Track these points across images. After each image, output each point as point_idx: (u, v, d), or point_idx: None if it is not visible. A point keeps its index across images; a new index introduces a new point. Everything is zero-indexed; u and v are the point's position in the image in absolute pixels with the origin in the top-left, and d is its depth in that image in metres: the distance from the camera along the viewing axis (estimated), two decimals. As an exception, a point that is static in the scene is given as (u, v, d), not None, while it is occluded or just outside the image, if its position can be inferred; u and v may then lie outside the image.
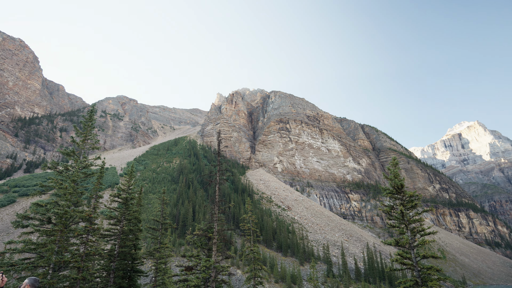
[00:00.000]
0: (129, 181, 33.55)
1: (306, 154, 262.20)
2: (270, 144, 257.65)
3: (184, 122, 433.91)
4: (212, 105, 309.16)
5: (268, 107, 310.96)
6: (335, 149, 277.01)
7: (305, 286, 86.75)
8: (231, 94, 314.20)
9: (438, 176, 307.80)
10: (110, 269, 29.01)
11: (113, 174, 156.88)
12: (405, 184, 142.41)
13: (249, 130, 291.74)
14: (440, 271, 20.02)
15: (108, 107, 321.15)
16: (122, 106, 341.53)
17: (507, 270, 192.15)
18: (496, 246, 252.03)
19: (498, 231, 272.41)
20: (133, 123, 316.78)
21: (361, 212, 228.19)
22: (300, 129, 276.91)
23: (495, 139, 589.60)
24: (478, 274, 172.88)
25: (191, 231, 28.82)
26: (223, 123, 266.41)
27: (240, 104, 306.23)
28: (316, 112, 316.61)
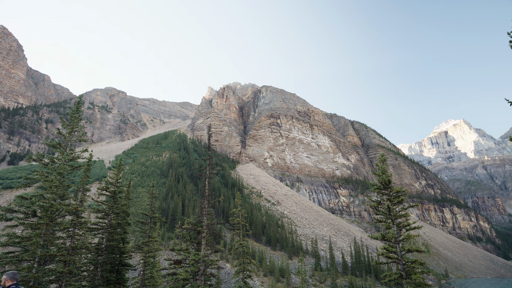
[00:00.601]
0: (117, 174, 33.09)
1: (296, 149, 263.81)
2: (261, 139, 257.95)
3: (174, 116, 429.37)
4: (202, 99, 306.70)
5: (259, 102, 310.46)
6: (325, 144, 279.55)
7: (293, 279, 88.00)
8: (222, 88, 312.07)
9: (424, 172, 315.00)
10: (97, 263, 28.71)
11: (101, 167, 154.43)
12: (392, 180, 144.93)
13: (240, 124, 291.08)
14: (424, 265, 20.60)
15: (96, 99, 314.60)
16: (111, 98, 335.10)
17: (486, 263, 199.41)
18: (477, 241, 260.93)
19: (480, 226, 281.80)
20: (122, 115, 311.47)
21: (349, 207, 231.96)
22: (291, 124, 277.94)
23: (480, 137, 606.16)
24: (459, 267, 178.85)
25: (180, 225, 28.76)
26: (213, 117, 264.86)
27: (231, 98, 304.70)
28: (307, 108, 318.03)
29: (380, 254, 21.44)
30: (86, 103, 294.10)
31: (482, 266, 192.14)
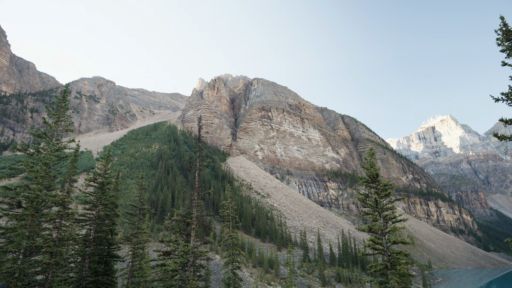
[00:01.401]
0: (105, 165, 32.59)
1: (287, 142, 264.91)
2: (252, 131, 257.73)
3: (164, 107, 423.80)
4: (193, 90, 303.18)
5: (250, 94, 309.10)
6: (315, 138, 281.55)
7: (282, 270, 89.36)
8: (213, 79, 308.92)
9: (411, 167, 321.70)
10: (85, 254, 28.44)
11: (88, 158, 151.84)
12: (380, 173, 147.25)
13: (231, 116, 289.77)
14: (408, 256, 21.19)
15: (83, 88, 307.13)
16: (99, 88, 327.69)
17: (468, 255, 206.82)
18: (460, 233, 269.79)
19: (463, 219, 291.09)
20: (110, 106, 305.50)
21: (338, 200, 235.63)
22: (282, 117, 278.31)
23: (465, 133, 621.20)
24: (442, 258, 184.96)
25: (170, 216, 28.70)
26: (204, 109, 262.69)
27: (222, 90, 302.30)
28: (298, 101, 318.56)
29: (367, 246, 21.93)
30: (73, 92, 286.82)
31: (464, 258, 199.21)
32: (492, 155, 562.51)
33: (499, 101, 14.64)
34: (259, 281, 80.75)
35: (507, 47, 14.50)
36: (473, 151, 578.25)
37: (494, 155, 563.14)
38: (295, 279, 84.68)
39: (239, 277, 37.74)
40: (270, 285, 79.97)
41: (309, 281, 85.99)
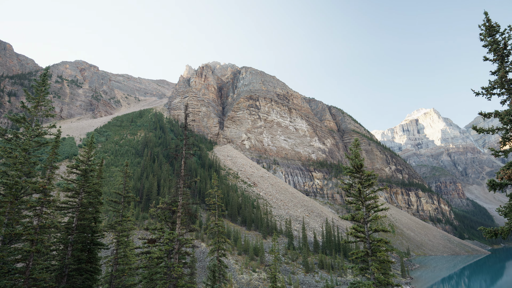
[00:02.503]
0: (88, 152, 31.83)
1: (274, 132, 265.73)
2: (239, 120, 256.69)
3: (150, 94, 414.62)
4: (180, 77, 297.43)
5: (238, 83, 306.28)
6: (303, 128, 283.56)
7: (266, 258, 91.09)
8: (201, 67, 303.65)
9: (394, 158, 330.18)
10: (67, 242, 28.01)
11: (71, 144, 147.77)
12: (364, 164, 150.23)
13: (218, 105, 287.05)
14: (388, 243, 21.98)
15: (64, 72, 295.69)
16: (81, 72, 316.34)
17: (444, 242, 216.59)
18: (438, 222, 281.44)
19: (441, 209, 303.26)
20: (93, 91, 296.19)
21: (323, 189, 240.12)
22: (270, 107, 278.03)
23: (447, 126, 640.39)
24: (420, 246, 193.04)
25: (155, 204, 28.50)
26: (191, 97, 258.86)
27: (210, 78, 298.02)
28: (286, 91, 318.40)
29: (349, 234, 22.57)
30: (54, 76, 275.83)
31: (440, 245, 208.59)
32: (471, 148, 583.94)
33: (479, 95, 15.11)
34: (244, 268, 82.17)
35: (489, 42, 14.86)
36: (453, 144, 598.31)
37: (472, 148, 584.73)
38: (280, 266, 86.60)
39: (224, 264, 38.23)
40: (255, 272, 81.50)
41: (293, 268, 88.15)
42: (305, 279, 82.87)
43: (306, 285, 79.59)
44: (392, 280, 20.10)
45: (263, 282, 77.01)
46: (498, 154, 14.30)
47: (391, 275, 20.57)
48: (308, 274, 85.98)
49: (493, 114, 14.50)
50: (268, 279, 77.23)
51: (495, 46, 14.64)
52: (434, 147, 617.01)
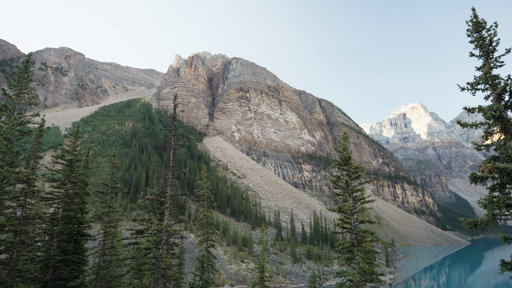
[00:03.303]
0: (74, 142, 31.12)
1: (264, 124, 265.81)
2: (229, 112, 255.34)
3: (138, 83, 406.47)
4: (169, 67, 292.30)
5: (229, 74, 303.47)
6: (292, 121, 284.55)
7: (255, 248, 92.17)
8: (190, 57, 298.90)
9: (382, 151, 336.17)
10: (53, 233, 27.58)
11: (56, 134, 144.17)
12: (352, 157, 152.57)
13: (208, 96, 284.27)
14: (374, 234, 22.53)
15: (49, 59, 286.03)
16: (66, 60, 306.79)
17: (427, 233, 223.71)
18: (421, 214, 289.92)
19: (425, 201, 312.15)
20: (79, 79, 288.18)
21: (312, 181, 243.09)
22: (260, 99, 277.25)
23: (433, 121, 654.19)
24: (404, 237, 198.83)
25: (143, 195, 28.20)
26: (181, 87, 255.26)
27: (200, 68, 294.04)
28: (277, 83, 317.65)
29: (336, 225, 23.01)
30: (37, 63, 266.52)
31: (423, 236, 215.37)
32: (456, 142, 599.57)
33: (464, 90, 15.43)
34: (232, 258, 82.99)
35: (476, 38, 15.12)
36: (439, 138, 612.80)
37: (457, 142, 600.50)
38: (268, 257, 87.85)
39: (213, 255, 38.49)
40: (244, 262, 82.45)
41: (281, 258, 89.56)
42: (292, 269, 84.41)
43: (293, 275, 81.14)
44: (376, 269, 20.69)
45: (251, 272, 78.06)
46: (481, 148, 14.73)
47: (376, 265, 21.15)
48: (295, 264, 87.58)
49: (477, 109, 14.88)
50: (256, 269, 78.31)
51: (481, 42, 14.91)
52: (420, 141, 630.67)
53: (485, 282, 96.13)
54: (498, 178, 13.19)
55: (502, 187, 13.51)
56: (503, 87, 13.82)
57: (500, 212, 13.05)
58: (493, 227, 13.41)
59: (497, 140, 14.20)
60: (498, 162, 13.69)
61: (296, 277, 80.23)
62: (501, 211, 13.04)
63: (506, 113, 13.91)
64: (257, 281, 26.14)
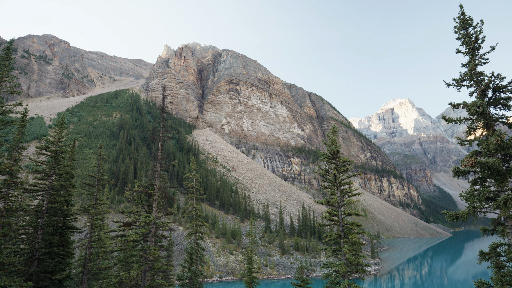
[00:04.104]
0: (59, 133, 30.33)
1: (254, 117, 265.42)
2: (219, 104, 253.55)
3: (126, 73, 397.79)
4: (158, 58, 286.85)
5: (219, 66, 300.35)
6: (282, 114, 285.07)
7: (244, 241, 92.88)
8: (180, 48, 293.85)
9: (370, 145, 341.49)
10: (37, 225, 27.02)
11: (40, 125, 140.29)
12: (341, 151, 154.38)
13: (198, 88, 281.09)
14: (360, 226, 23.01)
15: (32, 47, 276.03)
16: (51, 48, 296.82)
17: (411, 226, 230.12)
18: (406, 207, 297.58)
19: (410, 194, 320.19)
20: (64, 68, 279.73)
21: (301, 175, 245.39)
22: (250, 91, 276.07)
23: (420, 116, 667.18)
24: (390, 229, 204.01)
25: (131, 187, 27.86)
26: (170, 78, 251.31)
27: (190, 59, 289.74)
28: (267, 76, 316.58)
29: (324, 217, 23.38)
30: (20, 50, 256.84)
31: (408, 228, 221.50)
32: (441, 137, 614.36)
33: (450, 86, 15.76)
34: (221, 250, 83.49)
35: (462, 35, 15.39)
36: (425, 133, 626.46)
37: (442, 138, 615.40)
38: (256, 249, 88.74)
39: (201, 247, 38.62)
40: (232, 254, 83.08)
41: (269, 250, 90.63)
42: (280, 260, 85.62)
43: (281, 266, 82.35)
44: (362, 260, 21.19)
45: (240, 264, 78.79)
46: (464, 143, 15.14)
47: (361, 256, 21.66)
48: (284, 256, 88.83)
49: (461, 105, 15.24)
50: (244, 261, 79.06)
51: (467, 39, 15.20)
52: (407, 135, 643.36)
53: (464, 272, 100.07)
54: (480, 172, 13.63)
55: (483, 180, 13.97)
56: (486, 83, 14.18)
57: (480, 205, 13.52)
58: (473, 219, 13.89)
59: (479, 135, 14.62)
60: (480, 157, 14.12)
61: (284, 268, 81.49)
62: (481, 204, 13.50)
63: (489, 109, 14.30)
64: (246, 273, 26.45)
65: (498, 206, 12.74)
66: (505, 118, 14.22)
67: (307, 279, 25.10)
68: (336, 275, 20.51)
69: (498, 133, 12.98)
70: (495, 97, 14.39)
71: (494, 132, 13.87)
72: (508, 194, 12.40)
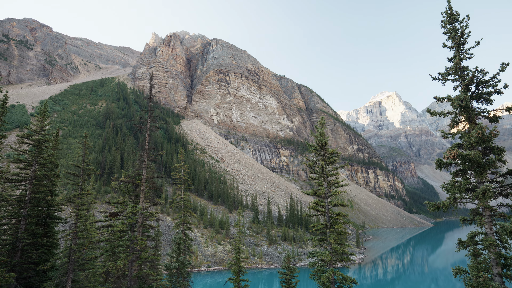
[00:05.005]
0: (42, 121, 29.40)
1: (244, 108, 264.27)
2: (208, 95, 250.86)
3: (112, 61, 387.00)
4: (146, 46, 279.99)
5: (208, 56, 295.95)
6: (272, 106, 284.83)
7: (232, 231, 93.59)
8: (168, 36, 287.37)
9: (357, 138, 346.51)
10: (20, 215, 26.40)
11: (22, 113, 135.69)
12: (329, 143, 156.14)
13: (186, 78, 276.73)
14: (346, 217, 23.50)
15: (11, 31, 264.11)
16: (32, 33, 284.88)
17: (395, 216, 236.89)
18: (391, 198, 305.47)
19: (395, 186, 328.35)
20: (47, 55, 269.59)
21: (289, 166, 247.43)
22: (240, 82, 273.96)
23: (406, 110, 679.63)
24: (374, 219, 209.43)
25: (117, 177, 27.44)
26: (158, 67, 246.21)
27: (178, 48, 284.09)
28: (257, 67, 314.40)
29: (311, 208, 23.73)
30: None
31: (392, 219, 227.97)
32: (426, 131, 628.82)
33: (436, 80, 16.06)
34: (209, 241, 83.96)
35: (449, 30, 15.63)
36: (411, 126, 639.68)
37: (427, 131, 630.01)
38: (244, 239, 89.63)
39: (189, 237, 38.68)
40: (220, 244, 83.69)
41: (257, 240, 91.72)
42: (268, 250, 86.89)
43: (269, 256, 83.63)
44: (347, 249, 21.74)
45: (228, 254, 79.53)
46: (447, 136, 15.55)
47: (347, 245, 22.21)
48: (271, 245, 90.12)
49: (446, 99, 15.58)
50: (232, 251, 79.78)
51: (454, 34, 15.45)
52: (393, 128, 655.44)
53: (444, 260, 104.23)
54: (461, 164, 14.08)
55: (463, 172, 14.45)
56: (470, 78, 14.52)
57: (461, 196, 14.01)
58: (453, 210, 14.40)
59: (462, 128, 15.05)
60: (461, 149, 14.56)
61: (272, 258, 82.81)
62: (462, 194, 14.00)
63: (471, 103, 14.69)
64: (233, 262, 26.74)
65: (477, 197, 13.24)
66: (487, 112, 14.65)
67: (294, 268, 25.60)
68: (322, 264, 21.00)
69: (479, 127, 13.39)
70: (478, 91, 14.78)
71: (476, 125, 14.29)
72: (487, 186, 12.89)
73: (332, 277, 19.61)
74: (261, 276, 72.07)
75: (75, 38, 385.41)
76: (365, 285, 70.79)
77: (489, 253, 13.02)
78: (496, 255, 12.70)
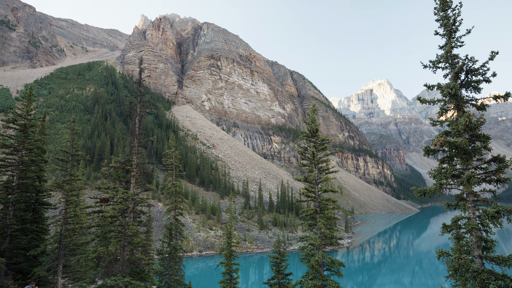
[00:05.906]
0: (28, 105, 28.59)
1: (235, 94, 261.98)
2: (199, 80, 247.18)
3: (100, 44, 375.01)
4: (135, 29, 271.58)
5: (199, 40, 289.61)
6: (264, 92, 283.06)
7: (223, 217, 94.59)
8: (158, 18, 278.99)
9: (348, 125, 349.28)
10: (8, 201, 26.05)
11: (6, 96, 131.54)
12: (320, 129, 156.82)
13: (177, 62, 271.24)
14: (336, 202, 23.95)
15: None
16: (14, 13, 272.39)
17: (383, 202, 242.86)
18: (380, 184, 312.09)
19: (384, 173, 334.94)
20: (30, 36, 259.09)
21: (281, 153, 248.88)
22: (232, 68, 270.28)
23: (397, 97, 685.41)
24: (363, 205, 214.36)
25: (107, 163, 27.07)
26: (147, 51, 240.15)
27: (169, 32, 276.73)
28: (249, 53, 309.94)
29: (302, 194, 24.08)
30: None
31: (380, 205, 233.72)
32: (415, 119, 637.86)
33: (426, 68, 16.15)
34: (201, 226, 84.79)
35: (441, 17, 15.61)
36: (401, 114, 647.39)
37: (416, 119, 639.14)
38: (236, 224, 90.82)
39: (181, 223, 38.97)
40: (212, 230, 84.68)
41: (248, 225, 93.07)
42: (259, 235, 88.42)
43: (260, 241, 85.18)
44: (336, 234, 22.27)
45: (219, 239, 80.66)
46: (436, 123, 15.80)
47: (336, 230, 22.74)
48: (262, 231, 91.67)
49: (435, 87, 15.74)
50: (224, 236, 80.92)
51: (446, 21, 15.44)
52: (384, 116, 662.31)
53: (428, 244, 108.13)
54: (448, 151, 14.40)
55: (450, 159, 14.80)
56: (460, 66, 14.64)
57: (447, 182, 14.40)
58: (439, 195, 14.82)
59: (450, 116, 15.30)
60: (449, 137, 14.85)
61: (262, 242, 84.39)
62: (447, 180, 14.39)
63: (460, 91, 14.88)
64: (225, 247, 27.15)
65: (462, 183, 13.64)
66: (475, 100, 14.88)
67: (284, 252, 26.18)
68: (311, 248, 21.52)
69: (467, 114, 13.63)
70: (467, 79, 14.95)
71: (464, 113, 14.55)
72: (472, 172, 13.26)
73: (321, 261, 20.15)
74: (252, 260, 73.60)
75: (60, 19, 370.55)
76: (353, 268, 73.19)
77: (471, 237, 13.55)
78: (478, 238, 13.22)
